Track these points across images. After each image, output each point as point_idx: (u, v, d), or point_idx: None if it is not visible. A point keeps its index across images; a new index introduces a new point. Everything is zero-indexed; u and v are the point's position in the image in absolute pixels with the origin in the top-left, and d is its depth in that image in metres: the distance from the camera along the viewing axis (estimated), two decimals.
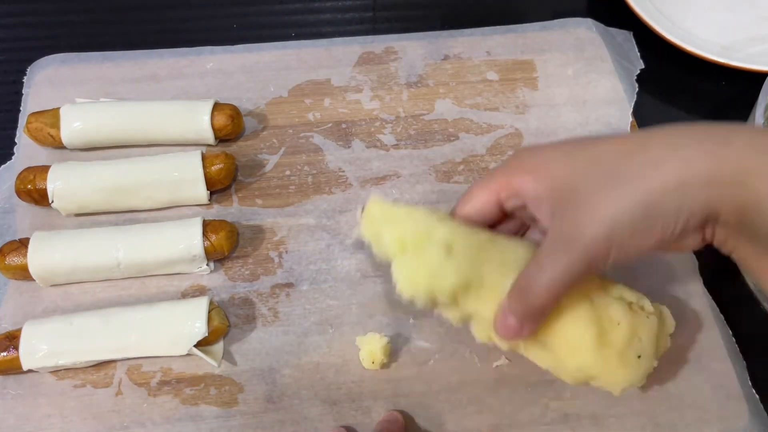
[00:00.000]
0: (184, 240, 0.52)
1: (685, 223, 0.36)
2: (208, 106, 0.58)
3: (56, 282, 0.53)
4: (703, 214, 0.36)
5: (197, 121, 0.57)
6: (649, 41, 0.66)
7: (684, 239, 0.38)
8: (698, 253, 0.55)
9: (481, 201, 0.43)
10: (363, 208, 0.45)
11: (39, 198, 0.54)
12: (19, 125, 0.60)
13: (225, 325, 0.51)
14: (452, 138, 0.62)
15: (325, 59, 0.65)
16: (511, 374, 0.51)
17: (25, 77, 0.63)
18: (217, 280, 0.54)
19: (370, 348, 0.50)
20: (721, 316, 0.53)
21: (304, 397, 0.49)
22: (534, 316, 0.40)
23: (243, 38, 0.66)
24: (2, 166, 0.59)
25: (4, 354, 0.48)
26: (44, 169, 0.54)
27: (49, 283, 0.53)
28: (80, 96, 0.61)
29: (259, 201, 0.58)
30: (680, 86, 0.66)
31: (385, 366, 0.50)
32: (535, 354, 0.44)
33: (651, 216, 0.36)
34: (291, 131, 0.61)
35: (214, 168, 0.55)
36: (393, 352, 0.51)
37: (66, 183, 0.54)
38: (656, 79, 0.66)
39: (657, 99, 0.66)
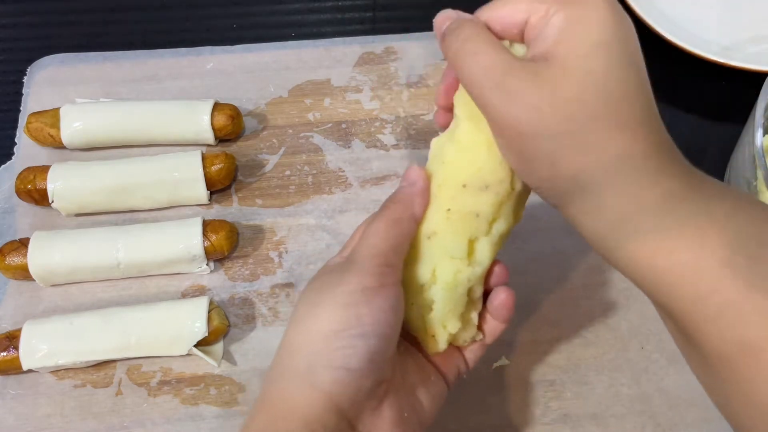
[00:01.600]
0: (184, 240, 0.52)
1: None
2: (208, 106, 0.58)
3: (56, 282, 0.53)
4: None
5: (197, 121, 0.57)
6: (650, 41, 0.66)
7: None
8: None
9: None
10: None
11: (39, 198, 0.54)
12: (19, 125, 0.60)
13: (225, 325, 0.51)
14: None
15: (325, 59, 0.65)
16: (511, 374, 0.51)
17: (25, 77, 0.63)
18: (217, 280, 0.54)
19: None
20: None
21: None
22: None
23: (243, 38, 0.66)
24: (2, 166, 0.59)
25: (4, 354, 0.48)
26: (44, 169, 0.54)
27: (49, 283, 0.53)
28: (80, 96, 0.61)
29: (259, 201, 0.58)
30: (680, 86, 0.66)
31: None
32: None
33: None
34: (291, 131, 0.61)
35: (214, 168, 0.55)
36: None
37: (66, 183, 0.54)
38: (656, 78, 0.64)
39: (657, 99, 0.64)
